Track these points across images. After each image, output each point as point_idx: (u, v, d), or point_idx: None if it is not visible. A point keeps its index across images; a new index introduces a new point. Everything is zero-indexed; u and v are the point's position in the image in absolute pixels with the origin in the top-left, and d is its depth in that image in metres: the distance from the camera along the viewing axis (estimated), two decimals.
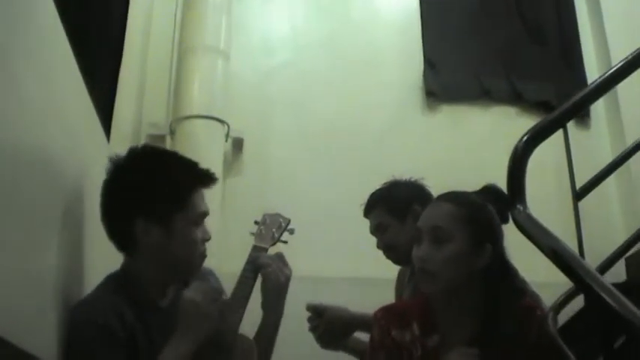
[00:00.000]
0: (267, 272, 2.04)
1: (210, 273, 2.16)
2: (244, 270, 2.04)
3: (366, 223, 2.70)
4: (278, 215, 2.15)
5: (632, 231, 2.51)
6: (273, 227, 2.13)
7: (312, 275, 3.54)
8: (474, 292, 1.99)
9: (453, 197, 2.05)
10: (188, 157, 2.00)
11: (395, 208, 2.66)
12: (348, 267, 3.94)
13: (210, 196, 3.66)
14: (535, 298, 2.15)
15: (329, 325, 2.62)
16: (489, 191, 2.10)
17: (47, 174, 1.75)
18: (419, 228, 2.03)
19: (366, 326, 2.62)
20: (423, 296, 2.07)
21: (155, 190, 1.89)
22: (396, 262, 2.75)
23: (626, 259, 4.00)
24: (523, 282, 2.10)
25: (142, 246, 1.88)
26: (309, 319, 2.67)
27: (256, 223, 2.15)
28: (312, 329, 2.66)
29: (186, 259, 1.91)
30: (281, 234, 2.12)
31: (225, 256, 3.78)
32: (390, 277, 3.50)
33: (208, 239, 1.95)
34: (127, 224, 1.87)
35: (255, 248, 2.08)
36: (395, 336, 2.02)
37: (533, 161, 2.17)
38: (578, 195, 2.31)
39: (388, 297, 3.66)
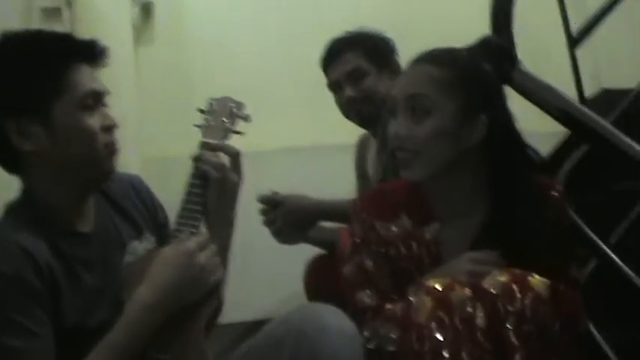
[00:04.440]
0: (210, 172, 1.60)
1: (138, 182, 1.74)
2: (190, 176, 1.61)
3: (301, 88, 2.30)
4: (227, 99, 1.69)
5: None
6: (223, 116, 1.66)
7: (247, 151, 3.18)
8: (472, 173, 1.64)
9: (436, 56, 1.65)
10: (91, 29, 1.55)
11: (374, 53, 2.33)
12: (283, 137, 3.58)
13: (122, 71, 3.32)
14: None
15: (288, 217, 2.28)
16: (486, 45, 1.70)
17: None
18: (393, 97, 1.64)
19: (332, 215, 2.33)
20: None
21: (16, 77, 1.46)
22: (362, 120, 2.40)
23: None
24: (535, 153, 1.76)
25: (26, 157, 1.48)
26: (263, 212, 2.33)
27: (201, 111, 1.69)
28: (268, 223, 2.32)
29: (85, 156, 1.48)
30: (234, 123, 1.68)
31: (145, 139, 3.38)
32: (334, 142, 3.20)
33: (112, 125, 1.52)
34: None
35: (203, 145, 1.63)
36: (380, 230, 1.67)
37: None
38: (575, 41, 1.96)
39: (334, 166, 3.36)
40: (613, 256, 1.79)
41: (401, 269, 1.64)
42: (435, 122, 1.57)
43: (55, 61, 1.47)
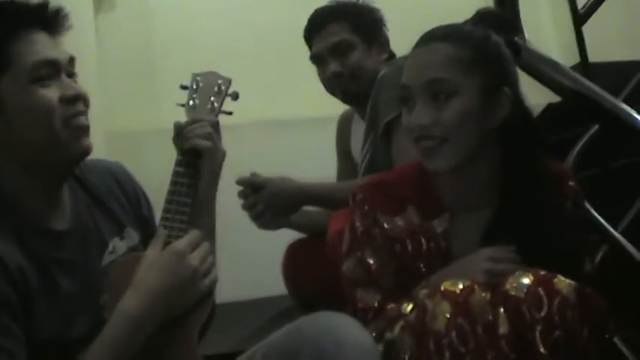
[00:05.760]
0: (199, 143, 1.47)
1: (120, 170, 1.56)
2: (176, 163, 1.46)
3: (274, 58, 2.15)
4: (214, 75, 1.54)
5: None
6: (210, 94, 1.52)
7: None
8: (491, 159, 1.51)
9: (447, 34, 1.50)
10: None
11: (363, 26, 2.20)
12: (255, 110, 3.41)
13: (82, 39, 3.12)
14: None
15: (270, 202, 2.11)
16: (486, 18, 1.56)
17: None
18: (406, 87, 1.49)
19: (318, 200, 2.18)
20: (414, 165, 1.57)
21: None
22: (346, 97, 2.27)
23: None
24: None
25: None
26: (242, 195, 2.15)
27: (184, 87, 1.53)
28: (247, 207, 2.15)
29: (44, 136, 1.30)
30: (222, 102, 1.53)
31: (107, 111, 3.17)
32: (309, 115, 3.07)
33: (73, 96, 1.32)
34: None
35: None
36: (384, 224, 1.54)
37: None
38: (582, 17, 1.86)
39: (304, 140, 3.23)
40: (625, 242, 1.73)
41: (406, 266, 1.52)
42: (462, 103, 1.44)
43: None
